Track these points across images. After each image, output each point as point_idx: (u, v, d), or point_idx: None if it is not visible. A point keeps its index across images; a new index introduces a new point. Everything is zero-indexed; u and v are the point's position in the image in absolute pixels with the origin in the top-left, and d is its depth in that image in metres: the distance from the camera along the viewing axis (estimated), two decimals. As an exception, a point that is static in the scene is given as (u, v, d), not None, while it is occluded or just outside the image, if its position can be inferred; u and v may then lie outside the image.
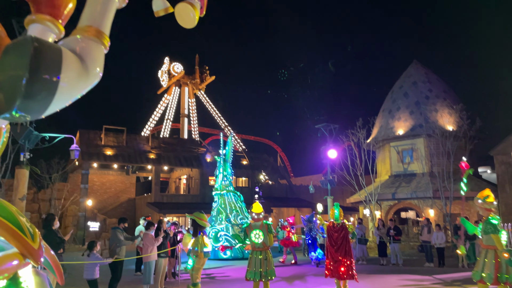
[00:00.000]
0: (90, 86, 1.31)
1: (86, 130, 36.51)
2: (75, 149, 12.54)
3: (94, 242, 8.27)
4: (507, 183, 20.20)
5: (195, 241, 10.00)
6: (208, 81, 49.76)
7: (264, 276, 7.24)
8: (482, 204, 6.57)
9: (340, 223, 9.54)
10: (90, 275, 8.00)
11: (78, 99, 1.30)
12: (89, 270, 8.02)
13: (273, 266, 7.45)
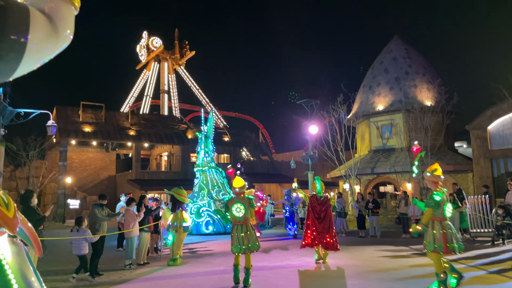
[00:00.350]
0: (60, 48, 1.27)
1: (63, 106, 35.66)
2: (52, 125, 12.26)
3: (81, 218, 8.31)
4: (481, 157, 20.78)
5: (174, 216, 10.09)
6: (188, 56, 48.92)
7: (247, 249, 7.33)
8: (430, 177, 6.77)
9: (323, 196, 9.73)
10: (79, 250, 8.05)
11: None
12: (77, 246, 8.06)
13: (256, 239, 7.54)
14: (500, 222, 11.57)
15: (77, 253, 8.04)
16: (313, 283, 7.29)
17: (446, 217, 6.52)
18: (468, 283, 6.94)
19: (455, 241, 6.41)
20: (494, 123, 20.60)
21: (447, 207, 6.54)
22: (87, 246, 8.15)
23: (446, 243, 6.34)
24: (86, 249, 8.11)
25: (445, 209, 6.51)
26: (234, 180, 7.90)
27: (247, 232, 7.40)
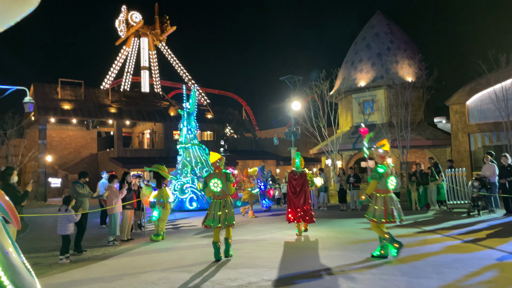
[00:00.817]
0: (26, 11, 1.23)
1: (41, 83, 34.73)
2: (29, 101, 11.95)
3: (70, 197, 8.17)
4: (460, 131, 21.22)
5: (159, 193, 10.07)
6: (169, 32, 47.85)
7: (223, 223, 7.37)
8: (377, 152, 7.16)
9: (300, 171, 9.87)
10: (64, 230, 7.97)
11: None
12: (62, 226, 7.97)
13: (233, 213, 7.57)
14: (476, 194, 11.96)
15: (62, 233, 7.98)
16: (295, 255, 7.45)
17: (389, 189, 6.97)
18: (444, 251, 7.20)
19: (396, 212, 6.90)
20: (472, 98, 20.96)
21: (390, 180, 6.94)
22: (72, 226, 8.09)
23: (386, 213, 6.84)
24: (71, 229, 8.06)
25: (388, 181, 6.92)
26: (210, 155, 7.91)
27: (225, 206, 7.41)
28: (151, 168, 10.49)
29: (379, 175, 6.92)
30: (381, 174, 6.90)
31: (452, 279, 5.35)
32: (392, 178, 6.97)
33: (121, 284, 5.92)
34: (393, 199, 6.99)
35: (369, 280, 5.52)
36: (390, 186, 6.97)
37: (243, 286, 5.49)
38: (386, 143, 7.13)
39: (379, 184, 6.98)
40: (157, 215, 10.04)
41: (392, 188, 7.00)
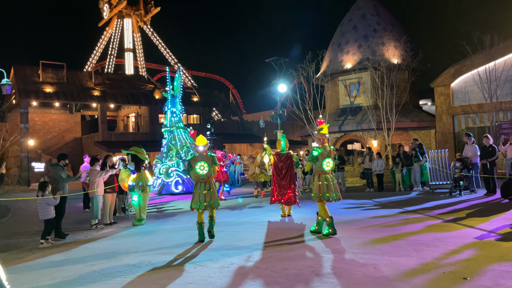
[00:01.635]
0: None
1: (21, 65, 33.86)
2: (6, 83, 11.60)
3: (46, 183, 8.02)
4: (444, 113, 21.41)
5: (139, 176, 9.77)
6: (153, 13, 46.87)
7: (208, 206, 7.49)
8: (316, 135, 7.61)
9: (285, 153, 9.84)
10: (46, 215, 7.86)
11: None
12: (43, 211, 7.85)
13: (217, 196, 7.72)
14: (458, 175, 12.12)
15: (44, 218, 7.85)
16: (278, 236, 7.48)
17: (325, 170, 7.39)
18: (425, 230, 7.29)
19: (332, 192, 7.32)
20: (457, 80, 21.10)
21: (326, 162, 7.37)
22: (53, 209, 7.95)
23: (320, 193, 7.30)
24: (52, 213, 7.92)
25: (323, 163, 7.36)
26: (197, 138, 7.96)
27: (210, 189, 7.54)
28: (128, 151, 10.07)
29: (313, 158, 7.38)
30: (315, 156, 7.36)
31: (431, 257, 5.42)
32: (328, 160, 7.37)
33: (102, 266, 5.87)
34: (328, 179, 7.37)
35: (349, 259, 5.56)
36: (325, 168, 7.38)
37: (224, 267, 5.48)
38: (325, 127, 7.53)
39: (315, 165, 7.44)
40: (137, 200, 9.78)
41: (327, 169, 7.39)
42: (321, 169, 7.39)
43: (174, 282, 4.95)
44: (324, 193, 7.29)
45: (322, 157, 7.35)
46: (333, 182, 7.44)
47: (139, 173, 9.75)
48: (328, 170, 7.41)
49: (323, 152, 7.37)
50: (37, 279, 5.40)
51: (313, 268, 5.24)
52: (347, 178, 19.41)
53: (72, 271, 5.74)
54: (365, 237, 6.98)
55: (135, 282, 5.06)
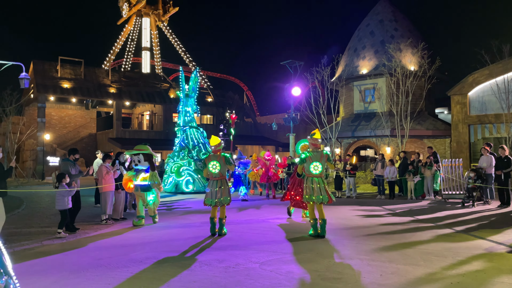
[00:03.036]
0: None
1: (40, 60, 34.48)
2: (25, 77, 11.83)
3: (63, 174, 8.18)
4: (460, 122, 21.12)
5: (154, 175, 9.48)
6: (171, 12, 47.25)
7: (219, 202, 7.85)
8: (310, 140, 8.00)
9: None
10: (61, 205, 8.05)
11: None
12: (58, 201, 8.06)
13: (228, 194, 7.98)
14: (471, 185, 11.92)
15: (59, 208, 8.02)
16: (285, 238, 7.46)
17: (312, 174, 7.67)
18: (435, 240, 7.19)
19: (317, 194, 7.58)
20: (474, 89, 20.81)
21: (314, 165, 7.66)
22: (68, 200, 8.12)
23: (306, 195, 7.69)
24: (67, 204, 8.09)
25: (311, 166, 7.66)
26: (211, 139, 8.27)
27: (221, 186, 7.93)
28: (137, 150, 9.35)
29: (301, 160, 7.85)
30: (302, 159, 7.80)
31: (439, 267, 5.34)
32: (316, 163, 7.65)
33: (109, 261, 5.93)
34: (316, 182, 7.66)
35: (356, 265, 5.51)
36: (313, 171, 7.66)
37: (230, 267, 5.49)
38: (317, 132, 8.05)
39: (305, 168, 7.80)
40: (153, 199, 9.52)
41: (315, 173, 7.66)
42: (309, 172, 7.70)
43: (179, 280, 4.97)
44: (310, 195, 7.62)
45: (310, 160, 7.67)
46: (320, 185, 7.68)
47: (154, 172, 9.43)
48: (316, 173, 7.66)
49: (312, 155, 7.70)
50: (45, 270, 5.48)
51: (318, 272, 5.21)
52: (359, 184, 19.26)
53: (80, 264, 5.81)
54: (373, 243, 6.91)
55: (141, 278, 5.10)
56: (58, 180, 8.12)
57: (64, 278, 5.12)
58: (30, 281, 4.99)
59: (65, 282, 4.97)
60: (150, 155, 9.48)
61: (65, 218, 8.08)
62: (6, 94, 25.72)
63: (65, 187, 8.08)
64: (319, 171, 7.67)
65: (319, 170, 7.67)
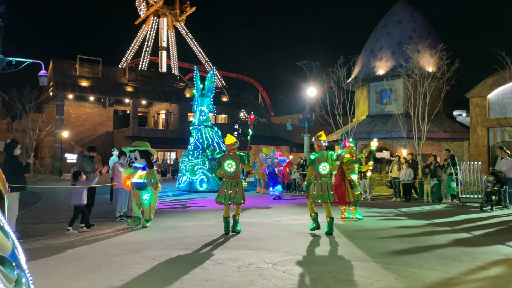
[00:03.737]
0: None
1: (59, 59, 35.08)
2: (44, 75, 12.02)
3: (79, 172, 8.35)
4: (479, 125, 20.68)
5: (150, 173, 8.78)
6: (188, 13, 47.61)
7: (232, 200, 7.85)
8: (315, 141, 8.35)
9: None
10: (77, 201, 8.22)
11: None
12: (75, 197, 8.22)
13: (242, 193, 7.99)
14: (490, 189, 11.66)
15: (76, 203, 8.18)
16: (299, 239, 7.40)
17: (321, 174, 8.05)
18: (452, 244, 7.04)
19: (323, 193, 7.92)
20: (494, 91, 20.36)
21: (322, 166, 8.03)
22: (83, 197, 8.26)
23: (317, 194, 7.98)
24: (81, 200, 8.21)
25: (320, 167, 8.03)
26: (226, 138, 8.31)
27: (236, 186, 7.93)
28: (134, 147, 8.84)
29: (311, 161, 8.14)
30: (313, 160, 8.11)
31: (457, 272, 5.22)
32: (324, 164, 8.04)
33: (123, 258, 5.97)
34: (324, 181, 8.03)
35: (371, 268, 5.43)
36: (321, 171, 8.05)
37: (243, 267, 5.46)
38: (323, 134, 8.42)
39: (313, 169, 8.15)
40: (148, 198, 8.83)
41: (323, 172, 8.05)
42: (318, 172, 8.06)
43: (192, 278, 4.97)
44: (313, 193, 7.99)
45: (318, 161, 8.05)
46: (326, 184, 8.05)
47: (151, 170, 8.81)
48: (324, 173, 8.06)
49: (320, 157, 8.07)
50: (60, 265, 5.55)
51: (332, 274, 5.14)
52: (374, 186, 19.03)
53: (95, 259, 5.86)
54: (388, 246, 6.80)
55: (154, 275, 5.12)
56: (74, 178, 8.30)
57: (78, 273, 5.17)
58: (45, 275, 5.05)
59: (79, 277, 5.02)
60: (147, 152, 8.84)
61: (77, 216, 8.19)
62: (26, 91, 26.24)
63: (82, 184, 8.24)
64: (327, 171, 8.07)
65: (327, 170, 8.07)
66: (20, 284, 1.57)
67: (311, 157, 8.15)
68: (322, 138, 8.27)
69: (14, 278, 1.51)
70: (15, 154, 7.54)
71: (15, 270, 1.55)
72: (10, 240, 1.77)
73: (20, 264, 1.67)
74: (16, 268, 1.57)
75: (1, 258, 1.51)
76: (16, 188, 7.07)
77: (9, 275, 1.47)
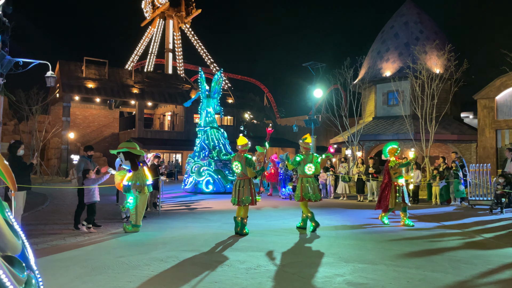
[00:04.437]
0: None
1: (66, 61, 35.24)
2: (51, 76, 12.04)
3: (87, 171, 8.41)
4: (487, 127, 20.51)
5: (135, 175, 8.38)
6: (194, 14, 47.68)
7: (240, 202, 7.96)
8: (301, 144, 8.67)
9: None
10: (89, 198, 8.39)
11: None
12: (87, 194, 8.40)
13: (249, 195, 7.97)
14: (500, 191, 11.51)
15: (88, 201, 8.35)
16: (307, 242, 7.32)
17: (307, 174, 8.48)
18: (463, 247, 6.93)
19: (311, 192, 8.40)
20: (502, 93, 20.19)
21: (308, 166, 8.44)
22: (94, 194, 8.39)
23: (302, 193, 8.39)
24: (97, 196, 8.46)
25: (305, 167, 8.45)
26: (239, 139, 8.44)
27: (243, 186, 8.01)
28: (118, 149, 8.48)
29: (296, 162, 8.54)
30: (298, 161, 8.50)
31: (469, 275, 5.12)
32: (309, 165, 8.44)
33: (130, 259, 5.92)
34: (310, 182, 8.47)
35: (381, 271, 5.34)
36: (307, 172, 8.46)
37: (251, 269, 5.39)
38: (308, 136, 8.77)
39: (299, 170, 8.62)
40: (132, 202, 8.32)
41: (309, 173, 8.46)
42: (304, 173, 8.50)
43: (200, 280, 4.91)
44: (306, 193, 8.36)
45: (304, 163, 8.46)
46: (313, 185, 8.51)
47: (136, 172, 8.37)
48: (310, 174, 8.47)
49: (305, 158, 8.47)
50: (67, 266, 5.51)
51: (343, 277, 5.06)
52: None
53: (102, 261, 5.82)
54: (398, 249, 6.70)
55: (162, 277, 5.06)
56: (83, 176, 8.39)
57: (86, 275, 5.12)
58: (53, 276, 5.01)
59: (87, 278, 4.97)
60: (130, 153, 8.39)
61: (92, 213, 8.36)
62: (33, 93, 26.37)
63: (90, 182, 8.30)
64: (312, 171, 8.47)
65: (312, 170, 8.47)
66: (30, 285, 1.51)
67: (297, 159, 8.54)
68: (307, 141, 8.65)
69: (24, 279, 1.45)
70: (19, 154, 7.54)
71: (25, 271, 1.49)
72: (20, 240, 1.73)
73: (30, 265, 1.62)
74: (26, 269, 1.52)
75: (10, 258, 1.46)
76: (20, 187, 7.08)
77: (19, 276, 1.41)
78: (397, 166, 9.39)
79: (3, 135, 31.85)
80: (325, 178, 16.62)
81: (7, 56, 11.66)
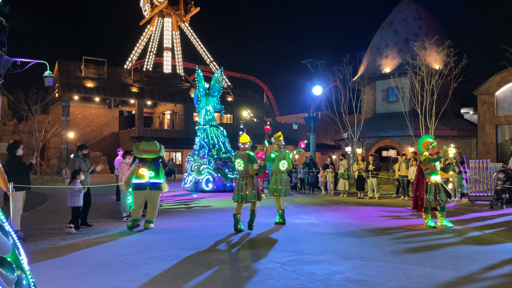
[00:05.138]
0: None
1: (65, 60, 35.20)
2: (49, 75, 12.02)
3: (77, 171, 8.26)
4: (487, 122, 20.48)
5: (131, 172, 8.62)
6: (192, 13, 47.58)
7: (244, 199, 8.07)
8: (275, 141, 9.22)
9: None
10: (73, 203, 8.17)
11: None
12: (71, 199, 8.19)
13: (253, 191, 8.08)
14: (500, 186, 11.49)
15: (72, 205, 8.13)
16: (308, 239, 7.30)
17: (281, 170, 9.05)
18: (463, 242, 6.92)
19: (283, 187, 8.99)
20: (502, 88, 20.16)
21: (282, 163, 8.99)
22: (81, 198, 8.21)
23: (276, 188, 8.98)
24: (81, 201, 8.16)
25: (280, 164, 8.99)
26: (241, 136, 8.50)
27: (246, 183, 8.13)
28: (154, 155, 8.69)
29: (270, 159, 9.04)
30: (273, 158, 9.02)
31: (469, 271, 5.10)
32: (283, 161, 8.97)
33: (129, 258, 5.90)
34: (283, 178, 9.04)
35: (381, 267, 5.32)
36: (281, 168, 9.04)
37: (251, 267, 5.37)
38: (281, 135, 9.37)
39: (273, 166, 9.10)
40: (131, 199, 8.54)
41: (283, 169, 9.02)
42: (278, 168, 9.00)
43: (200, 278, 4.89)
44: (278, 189, 8.92)
45: (278, 159, 8.95)
46: (285, 181, 9.07)
47: (133, 168, 8.65)
48: (284, 169, 9.04)
49: (279, 155, 8.98)
50: (66, 266, 5.49)
51: (342, 274, 5.04)
52: (381, 185, 18.88)
53: (101, 260, 5.80)
54: (398, 245, 6.69)
55: (161, 275, 5.04)
56: (72, 176, 8.19)
57: (85, 274, 5.10)
58: (51, 276, 4.99)
59: (86, 278, 4.96)
60: None
61: (76, 215, 8.18)
62: (32, 93, 26.33)
63: (78, 184, 8.13)
64: (285, 167, 9.00)
65: (285, 166, 9.00)
66: (20, 286, 1.49)
67: (271, 156, 9.02)
68: (281, 138, 9.23)
69: (14, 280, 1.43)
70: (18, 155, 7.51)
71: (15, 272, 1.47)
72: (10, 240, 1.70)
73: (21, 265, 1.59)
74: (16, 269, 1.49)
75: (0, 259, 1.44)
76: (20, 187, 7.05)
77: (8, 277, 1.39)
78: (427, 161, 8.49)
79: (3, 135, 31.87)
80: (325, 175, 16.60)
81: (5, 56, 11.63)
